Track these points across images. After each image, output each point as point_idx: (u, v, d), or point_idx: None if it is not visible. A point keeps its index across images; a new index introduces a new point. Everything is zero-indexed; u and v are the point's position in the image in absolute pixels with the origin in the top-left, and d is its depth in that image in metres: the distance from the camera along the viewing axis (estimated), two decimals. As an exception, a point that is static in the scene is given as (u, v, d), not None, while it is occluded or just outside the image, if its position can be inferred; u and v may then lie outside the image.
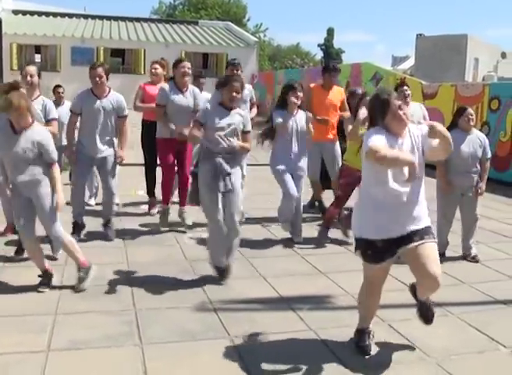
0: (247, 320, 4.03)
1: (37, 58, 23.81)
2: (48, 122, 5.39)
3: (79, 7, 58.42)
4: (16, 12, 26.57)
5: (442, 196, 5.71)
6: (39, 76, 5.53)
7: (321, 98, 7.02)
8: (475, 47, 31.72)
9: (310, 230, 6.73)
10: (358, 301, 3.75)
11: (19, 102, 4.18)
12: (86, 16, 28.70)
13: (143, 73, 23.65)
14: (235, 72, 6.53)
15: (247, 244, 5.94)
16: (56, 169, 4.50)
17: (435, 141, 3.37)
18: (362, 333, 3.67)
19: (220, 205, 4.69)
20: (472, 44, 31.20)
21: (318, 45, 55.50)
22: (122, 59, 25.48)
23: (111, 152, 5.94)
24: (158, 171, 6.91)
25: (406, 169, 3.25)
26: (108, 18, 28.37)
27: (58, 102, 8.86)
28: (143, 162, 7.46)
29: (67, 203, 5.06)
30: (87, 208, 6.42)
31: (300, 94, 5.89)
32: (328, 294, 4.64)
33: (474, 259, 5.71)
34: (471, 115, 5.56)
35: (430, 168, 3.55)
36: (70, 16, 28.17)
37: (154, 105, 6.44)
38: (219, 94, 4.97)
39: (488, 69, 31.69)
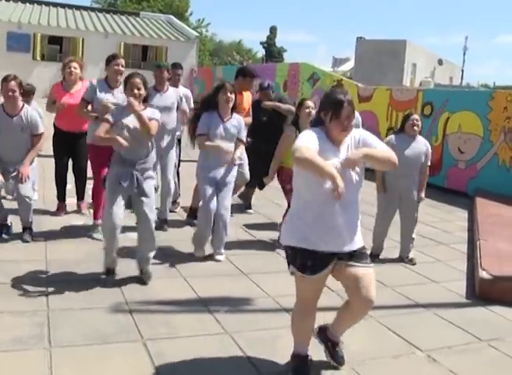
0: (162, 322, 3.96)
1: (-30, 42, 22.85)
2: None
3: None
4: None
5: (382, 199, 5.84)
6: None
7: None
8: (413, 53, 32.64)
9: (238, 230, 6.72)
10: (291, 324, 3.44)
11: None
12: (23, 1, 27.68)
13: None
14: (163, 74, 6.26)
15: (169, 243, 5.85)
16: None
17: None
18: (299, 359, 3.39)
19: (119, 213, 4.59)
20: (410, 49, 32.08)
21: (261, 43, 55.81)
22: (59, 47, 24.73)
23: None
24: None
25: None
26: (47, 4, 27.49)
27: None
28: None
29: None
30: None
31: (232, 95, 5.45)
32: (248, 296, 4.61)
33: (412, 262, 5.84)
34: (416, 120, 5.73)
35: (371, 172, 3.49)
36: (7, -1, 27.16)
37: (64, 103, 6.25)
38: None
39: (426, 75, 32.68)
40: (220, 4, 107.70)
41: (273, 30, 56.15)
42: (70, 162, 6.78)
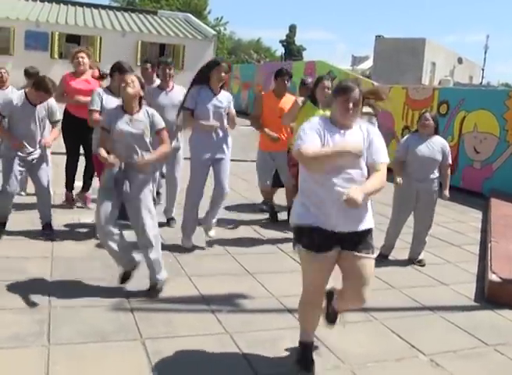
0: (162, 321, 3.92)
1: (-11, 40, 23.09)
2: None
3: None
4: (-32, -8, 25.69)
5: (398, 200, 5.75)
6: None
7: (272, 105, 6.62)
8: (433, 51, 32.32)
9: (247, 229, 6.66)
10: (298, 312, 3.49)
11: None
12: (42, 0, 27.93)
13: (98, 60, 23.17)
14: (167, 71, 6.11)
15: (176, 241, 5.82)
16: None
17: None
18: (304, 347, 3.44)
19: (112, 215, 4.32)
20: (430, 48, 31.77)
21: (280, 41, 55.51)
22: (77, 45, 24.85)
23: (41, 152, 5.69)
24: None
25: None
26: (66, 2, 27.65)
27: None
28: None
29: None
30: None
31: (225, 76, 5.45)
32: (251, 295, 4.55)
33: (420, 263, 5.74)
34: (426, 119, 5.62)
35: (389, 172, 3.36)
36: (26, -2, 27.42)
37: (80, 98, 6.32)
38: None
39: (445, 74, 32.34)
40: (239, 2, 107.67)
41: (292, 28, 55.79)
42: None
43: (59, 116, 5.90)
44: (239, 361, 3.45)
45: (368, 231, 3.24)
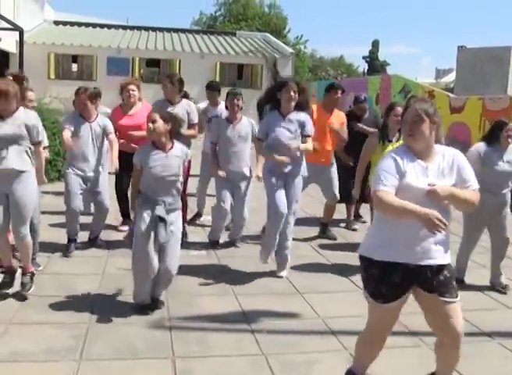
0: (198, 340, 3.82)
1: (74, 67, 24.17)
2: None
3: (122, 18, 59.33)
4: (57, 23, 27.12)
5: (470, 218, 5.21)
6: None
7: (321, 120, 6.30)
8: (520, 60, 30.72)
9: (306, 247, 6.47)
10: (356, 343, 3.21)
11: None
12: (124, 27, 29.04)
13: (177, 83, 23.74)
14: (235, 102, 5.90)
15: (230, 258, 5.72)
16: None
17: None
18: None
19: (154, 256, 4.21)
20: (516, 57, 30.24)
21: (363, 58, 55.09)
22: (158, 69, 25.62)
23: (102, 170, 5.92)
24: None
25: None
26: (146, 29, 28.63)
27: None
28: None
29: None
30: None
31: (294, 94, 5.08)
32: (297, 316, 4.37)
33: (505, 289, 5.20)
34: None
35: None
36: (109, 27, 28.59)
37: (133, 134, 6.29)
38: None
39: (535, 84, 30.69)
40: (320, 21, 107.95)
41: (375, 43, 55.24)
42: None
43: (112, 128, 5.91)
44: (268, 384, 3.28)
45: (447, 267, 2.98)
